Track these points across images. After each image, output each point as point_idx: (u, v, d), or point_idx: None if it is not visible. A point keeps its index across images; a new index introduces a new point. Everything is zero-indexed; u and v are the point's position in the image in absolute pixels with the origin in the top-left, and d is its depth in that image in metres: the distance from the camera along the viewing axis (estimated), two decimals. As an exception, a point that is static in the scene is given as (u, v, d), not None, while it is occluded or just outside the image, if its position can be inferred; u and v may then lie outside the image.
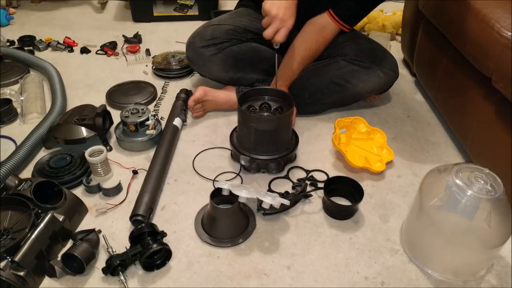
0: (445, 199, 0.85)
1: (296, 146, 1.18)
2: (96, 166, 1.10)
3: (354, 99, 1.40)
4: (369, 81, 1.32)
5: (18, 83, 1.56)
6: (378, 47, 1.36)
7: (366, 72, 1.31)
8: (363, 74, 1.31)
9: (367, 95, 1.38)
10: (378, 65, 1.31)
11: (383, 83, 1.34)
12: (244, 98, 1.17)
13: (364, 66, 1.31)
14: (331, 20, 1.26)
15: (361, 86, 1.32)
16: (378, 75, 1.31)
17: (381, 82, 1.33)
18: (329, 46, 1.34)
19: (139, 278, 0.89)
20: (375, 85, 1.33)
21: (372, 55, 1.32)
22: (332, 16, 1.25)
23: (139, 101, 1.44)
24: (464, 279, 0.90)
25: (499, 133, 1.01)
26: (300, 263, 0.93)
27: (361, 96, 1.38)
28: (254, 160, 1.13)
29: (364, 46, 1.35)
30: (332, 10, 1.25)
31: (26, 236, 0.88)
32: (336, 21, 1.26)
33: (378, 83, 1.33)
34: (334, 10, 1.25)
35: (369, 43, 1.38)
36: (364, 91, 1.34)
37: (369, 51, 1.33)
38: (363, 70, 1.31)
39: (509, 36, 0.95)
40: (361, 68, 1.31)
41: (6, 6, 2.23)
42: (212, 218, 0.99)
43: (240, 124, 1.15)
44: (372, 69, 1.31)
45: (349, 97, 1.37)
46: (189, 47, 1.40)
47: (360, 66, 1.31)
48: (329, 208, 1.05)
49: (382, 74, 1.32)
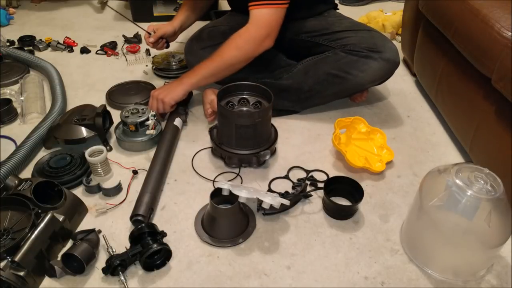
0: (445, 199, 0.85)
1: (276, 139, 1.20)
2: (96, 166, 1.10)
3: (355, 89, 1.38)
4: (369, 71, 1.29)
5: (18, 83, 1.55)
6: (377, 35, 1.34)
7: (365, 61, 1.28)
8: (363, 64, 1.29)
9: (368, 85, 1.36)
10: (378, 54, 1.28)
11: (384, 72, 1.32)
12: (223, 94, 1.17)
13: (363, 56, 1.29)
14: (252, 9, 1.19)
15: (361, 76, 1.30)
16: (378, 64, 1.29)
17: (381, 71, 1.31)
18: (327, 37, 1.33)
19: (139, 278, 0.89)
20: (376, 74, 1.31)
21: (371, 44, 1.29)
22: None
23: (139, 101, 1.43)
24: (464, 279, 0.90)
25: (499, 133, 1.01)
26: (300, 263, 0.93)
27: (362, 86, 1.36)
28: (235, 155, 1.15)
29: (363, 35, 1.33)
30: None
31: (26, 236, 0.88)
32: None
33: (379, 72, 1.31)
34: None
35: (368, 31, 1.35)
36: (365, 81, 1.32)
37: (368, 40, 1.31)
38: (362, 59, 1.29)
39: (509, 36, 0.95)
40: (360, 58, 1.29)
41: (6, 6, 2.23)
42: (212, 218, 0.99)
43: (220, 119, 1.16)
44: (371, 58, 1.28)
45: (349, 88, 1.35)
46: (188, 51, 1.40)
47: (359, 56, 1.29)
48: (329, 208, 1.05)
49: (382, 63, 1.29)
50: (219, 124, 1.18)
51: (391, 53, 1.30)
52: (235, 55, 1.22)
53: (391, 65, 1.31)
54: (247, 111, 1.18)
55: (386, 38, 1.34)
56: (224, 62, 1.22)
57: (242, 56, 1.22)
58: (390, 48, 1.30)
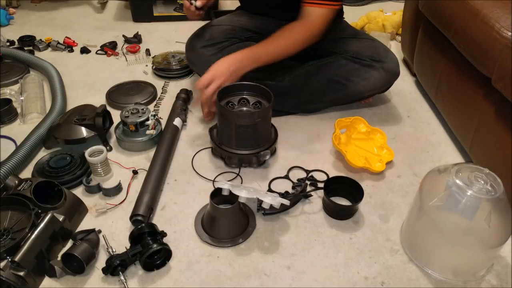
0: (445, 199, 0.85)
1: (276, 139, 1.20)
2: (96, 166, 1.10)
3: (355, 97, 1.39)
4: (370, 80, 1.31)
5: (18, 83, 1.55)
6: (380, 46, 1.36)
7: (367, 70, 1.30)
8: (364, 72, 1.31)
9: (368, 93, 1.37)
10: (379, 64, 1.30)
11: (384, 81, 1.34)
12: (222, 94, 1.17)
13: (365, 65, 1.30)
14: (312, 6, 1.22)
15: (362, 85, 1.32)
16: (379, 74, 1.31)
17: (382, 80, 1.33)
18: (331, 43, 1.33)
19: (139, 278, 0.89)
20: (376, 83, 1.33)
21: (374, 53, 1.31)
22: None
23: (139, 101, 1.44)
24: (464, 279, 0.90)
25: (499, 133, 1.01)
26: (300, 263, 0.93)
27: (362, 95, 1.37)
28: (235, 155, 1.15)
29: (366, 44, 1.34)
30: None
31: (26, 236, 0.88)
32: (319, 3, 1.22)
33: (380, 82, 1.33)
34: None
35: (371, 41, 1.38)
36: (365, 89, 1.34)
37: (371, 49, 1.33)
38: (364, 68, 1.31)
39: (509, 36, 0.95)
40: (362, 67, 1.31)
41: (6, 6, 2.23)
42: (212, 218, 0.99)
43: (220, 119, 1.16)
44: (373, 68, 1.30)
45: (349, 96, 1.37)
46: (189, 48, 1.40)
47: (361, 65, 1.31)
48: (329, 208, 1.05)
49: (383, 73, 1.31)
50: (219, 124, 1.18)
51: (393, 64, 1.32)
52: (291, 44, 1.23)
53: (391, 76, 1.33)
54: (247, 111, 1.18)
55: (388, 49, 1.36)
56: (282, 47, 1.23)
57: (293, 48, 1.24)
58: (392, 59, 1.33)
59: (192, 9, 1.37)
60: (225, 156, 1.18)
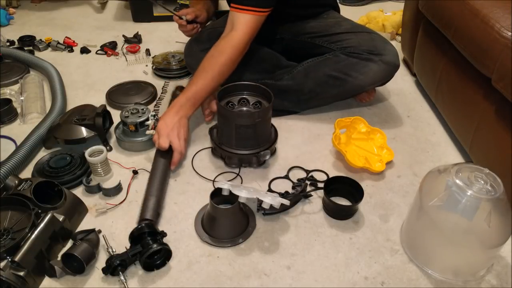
0: (445, 199, 0.85)
1: (276, 139, 1.20)
2: (96, 166, 1.10)
3: (355, 92, 1.38)
4: (369, 73, 1.29)
5: (18, 83, 1.56)
6: (378, 38, 1.34)
7: (365, 64, 1.29)
8: (363, 66, 1.29)
9: (368, 87, 1.36)
10: (378, 57, 1.29)
11: (384, 74, 1.32)
12: (222, 94, 1.17)
13: (364, 58, 1.29)
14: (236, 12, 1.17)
15: (361, 79, 1.30)
16: (378, 67, 1.29)
17: (382, 73, 1.31)
18: (327, 39, 1.33)
19: (139, 278, 0.89)
20: (376, 77, 1.31)
21: (372, 47, 1.30)
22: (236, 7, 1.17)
23: (139, 101, 1.44)
24: (464, 279, 0.90)
25: (499, 133, 1.01)
26: (300, 263, 0.93)
27: (362, 89, 1.36)
28: (235, 155, 1.15)
29: (363, 37, 1.33)
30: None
31: (26, 236, 0.88)
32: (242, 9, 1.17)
33: (379, 75, 1.31)
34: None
35: (368, 34, 1.36)
36: (365, 83, 1.32)
37: (368, 42, 1.31)
38: (362, 62, 1.29)
39: (509, 36, 0.95)
40: (360, 61, 1.29)
41: (6, 6, 2.23)
42: (212, 218, 0.99)
43: (220, 119, 1.16)
44: (371, 61, 1.28)
45: (350, 90, 1.36)
46: (187, 53, 1.39)
47: (360, 59, 1.29)
48: (329, 208, 1.05)
49: (383, 65, 1.29)
50: (219, 124, 1.18)
51: (391, 56, 1.30)
52: (221, 70, 1.18)
53: (391, 68, 1.31)
54: (247, 111, 1.18)
55: (386, 41, 1.34)
56: (214, 77, 1.18)
57: (226, 71, 1.20)
58: (390, 51, 1.30)
59: (183, 23, 1.38)
60: (225, 156, 1.18)
